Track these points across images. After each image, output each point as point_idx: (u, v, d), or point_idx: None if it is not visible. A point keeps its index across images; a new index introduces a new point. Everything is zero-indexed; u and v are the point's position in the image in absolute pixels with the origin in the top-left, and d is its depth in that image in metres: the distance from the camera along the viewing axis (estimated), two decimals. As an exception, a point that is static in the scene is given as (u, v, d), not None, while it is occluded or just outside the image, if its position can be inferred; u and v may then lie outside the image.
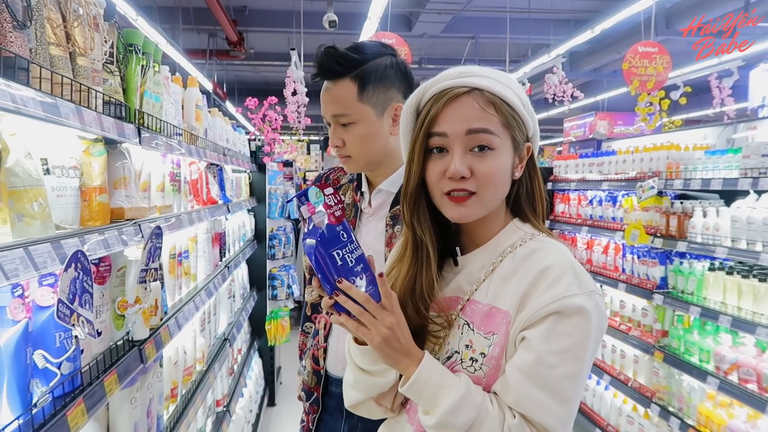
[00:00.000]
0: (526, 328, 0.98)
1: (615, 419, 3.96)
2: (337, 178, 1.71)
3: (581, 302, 0.96)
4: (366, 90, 1.47)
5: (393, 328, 0.96)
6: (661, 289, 3.56)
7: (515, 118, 1.04)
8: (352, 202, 1.63)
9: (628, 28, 8.46)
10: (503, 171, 1.04)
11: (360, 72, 1.47)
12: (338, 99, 1.48)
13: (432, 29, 9.83)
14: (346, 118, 1.48)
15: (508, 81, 1.07)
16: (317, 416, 1.62)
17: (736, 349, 2.99)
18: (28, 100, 1.13)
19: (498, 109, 1.02)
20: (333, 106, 1.49)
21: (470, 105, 1.02)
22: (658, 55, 6.21)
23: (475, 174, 1.01)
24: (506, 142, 1.04)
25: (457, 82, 1.03)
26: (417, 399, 0.99)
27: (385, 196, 1.58)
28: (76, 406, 1.25)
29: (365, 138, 1.49)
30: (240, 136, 4.38)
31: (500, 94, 1.03)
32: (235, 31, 9.30)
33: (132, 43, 1.83)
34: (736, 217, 3.03)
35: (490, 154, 1.02)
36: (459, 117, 1.02)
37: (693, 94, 6.39)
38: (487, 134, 1.01)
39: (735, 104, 7.20)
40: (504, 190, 1.07)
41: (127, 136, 1.67)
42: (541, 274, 0.99)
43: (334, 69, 1.46)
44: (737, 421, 2.94)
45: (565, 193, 4.96)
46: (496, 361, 1.00)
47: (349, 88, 1.47)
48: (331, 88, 1.49)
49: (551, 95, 7.85)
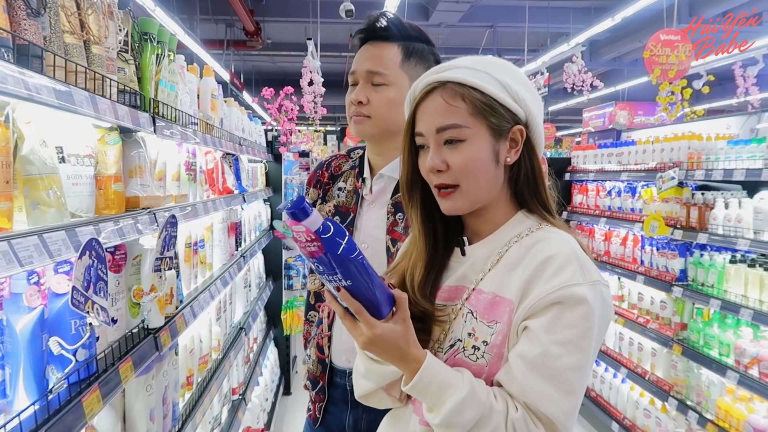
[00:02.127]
0: (529, 318, 0.97)
1: (632, 412, 3.92)
2: (338, 166, 1.69)
3: (585, 292, 0.95)
4: (409, 60, 1.52)
5: (373, 338, 0.95)
6: (681, 281, 3.50)
7: (489, 105, 1.03)
8: (354, 188, 1.62)
9: (649, 15, 8.29)
10: (478, 160, 1.03)
11: (407, 44, 1.52)
12: (381, 58, 1.50)
13: (450, 18, 9.73)
14: (382, 77, 1.50)
15: (487, 67, 1.05)
16: (323, 405, 1.63)
17: (757, 343, 2.94)
18: (41, 88, 1.13)
19: (465, 99, 1.02)
20: (372, 63, 1.50)
21: (437, 101, 1.04)
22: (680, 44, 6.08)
23: (450, 166, 1.04)
24: (479, 130, 1.03)
25: (432, 78, 1.06)
26: (421, 398, 0.98)
27: (386, 181, 1.58)
28: (91, 393, 1.26)
29: (393, 102, 1.50)
30: (256, 126, 4.39)
31: (469, 82, 1.02)
32: (252, 21, 9.31)
33: (147, 31, 1.83)
34: (759, 208, 2.96)
35: (461, 145, 1.03)
36: (428, 115, 1.05)
37: (716, 83, 6.25)
38: (453, 129, 1.03)
39: (760, 93, 7.03)
40: (490, 179, 1.05)
41: (142, 124, 1.67)
42: (544, 263, 0.99)
43: (388, 32, 1.50)
44: (757, 416, 2.89)
45: (584, 184, 4.90)
46: (498, 349, 1.00)
47: (395, 51, 1.51)
48: (374, 47, 1.52)
49: (570, 85, 7.74)
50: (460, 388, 0.94)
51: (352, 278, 0.91)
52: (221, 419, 2.79)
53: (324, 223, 0.88)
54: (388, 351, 0.96)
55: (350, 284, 0.92)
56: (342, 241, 0.88)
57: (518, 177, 1.09)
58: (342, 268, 0.90)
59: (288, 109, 6.05)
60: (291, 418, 4.48)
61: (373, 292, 0.94)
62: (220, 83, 3.14)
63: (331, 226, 0.88)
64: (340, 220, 1.59)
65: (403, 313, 0.97)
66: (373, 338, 0.94)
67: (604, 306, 0.98)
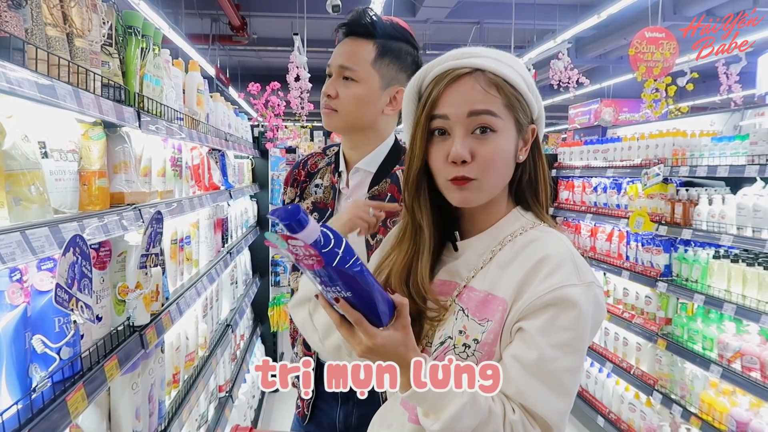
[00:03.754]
0: (523, 318, 0.96)
1: (617, 406, 3.96)
2: (314, 163, 1.69)
3: (579, 293, 0.94)
4: (382, 59, 1.52)
5: (373, 348, 0.91)
6: (665, 276, 3.54)
7: (518, 99, 1.02)
8: (330, 184, 1.62)
9: (634, 13, 8.36)
10: (505, 154, 1.01)
11: (384, 42, 1.53)
12: (353, 54, 1.52)
13: (436, 14, 9.73)
14: (352, 73, 1.51)
15: (511, 61, 1.04)
16: (311, 402, 1.63)
17: (739, 338, 2.98)
18: (23, 81, 1.11)
19: (501, 90, 1.00)
20: (344, 58, 1.52)
21: (472, 86, 0.99)
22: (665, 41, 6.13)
23: (476, 158, 0.99)
24: (509, 124, 1.01)
25: (459, 63, 1.01)
26: (419, 404, 0.96)
27: (363, 175, 1.59)
28: (75, 391, 1.24)
29: (359, 99, 1.52)
30: (242, 122, 4.36)
31: (503, 74, 1.00)
32: (237, 16, 9.23)
33: (131, 25, 1.80)
34: (742, 204, 3.00)
35: (492, 136, 0.99)
36: (461, 98, 0.99)
37: (700, 81, 6.31)
38: (489, 116, 0.99)
39: (742, 91, 7.11)
40: (506, 175, 1.04)
41: (127, 119, 1.65)
42: (539, 263, 0.98)
43: (366, 29, 1.52)
44: (740, 408, 2.93)
45: (570, 180, 4.93)
46: (489, 348, 0.99)
47: (369, 49, 1.52)
48: (351, 43, 1.53)
49: (556, 81, 7.78)
50: (461, 393, 0.92)
51: (352, 289, 0.86)
52: (208, 417, 2.77)
53: (323, 233, 0.80)
54: (387, 358, 0.93)
55: (350, 295, 0.87)
56: (341, 251, 0.82)
57: (521, 175, 1.08)
58: (342, 279, 0.85)
59: (274, 104, 6.02)
60: (278, 414, 4.46)
61: (374, 301, 0.89)
62: (206, 78, 3.10)
63: (331, 236, 0.81)
64: (318, 216, 1.58)
65: (403, 319, 0.93)
66: (373, 348, 0.90)
67: (598, 307, 0.98)
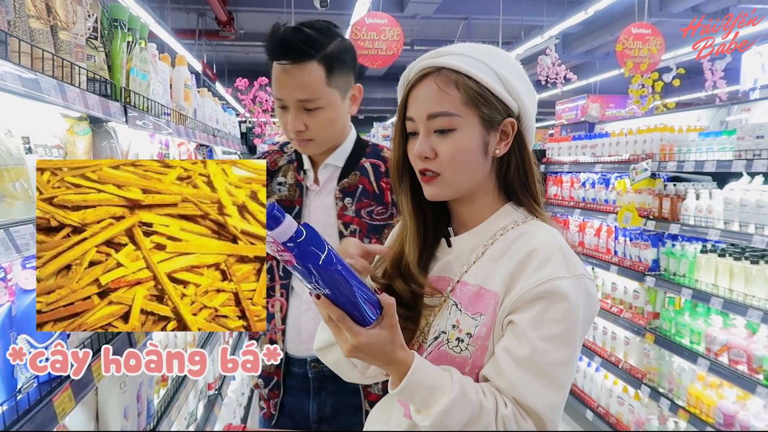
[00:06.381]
0: (514, 311, 0.97)
1: (605, 400, 3.99)
2: (274, 161, 1.65)
3: (569, 285, 0.95)
4: (333, 74, 1.43)
5: (358, 346, 0.90)
6: (653, 271, 3.56)
7: (482, 94, 1.01)
8: (295, 181, 1.60)
9: (621, 9, 8.40)
10: (467, 151, 1.02)
11: (325, 55, 1.41)
12: (307, 84, 1.41)
13: (424, 10, 9.72)
14: (314, 103, 1.43)
15: (484, 56, 1.03)
16: (278, 401, 1.61)
17: (726, 331, 3.01)
18: (6, 75, 1.08)
19: (459, 87, 1.00)
20: (299, 91, 1.42)
21: (430, 87, 1.02)
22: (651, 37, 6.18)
23: (438, 155, 1.02)
24: (471, 120, 1.01)
25: (427, 63, 1.04)
26: (410, 401, 0.96)
27: (332, 170, 1.58)
28: (62, 392, 1.22)
29: (331, 122, 1.48)
30: (230, 118, 4.33)
31: (465, 71, 1.00)
32: (224, 11, 9.15)
33: (117, 18, 1.77)
34: (729, 199, 3.02)
35: (451, 134, 1.02)
36: (420, 101, 1.03)
37: (686, 77, 6.35)
38: (444, 117, 1.01)
39: (727, 87, 7.17)
40: (473, 169, 1.04)
41: (113, 114, 1.62)
42: (529, 256, 0.98)
43: (305, 51, 1.38)
44: (726, 401, 2.96)
45: (558, 176, 4.95)
46: (482, 341, 0.99)
47: (318, 72, 1.41)
48: (296, 72, 1.40)
49: (544, 77, 7.81)
50: (450, 389, 0.92)
51: (331, 287, 0.86)
52: (197, 415, 2.75)
53: (297, 231, 0.80)
54: (374, 357, 0.92)
55: (329, 293, 0.87)
56: (317, 250, 0.82)
57: (507, 170, 1.08)
58: (319, 275, 0.84)
59: (262, 100, 5.98)
60: (267, 412, 4.45)
61: (356, 300, 0.88)
62: (193, 73, 3.07)
63: (306, 233, 0.81)
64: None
65: (390, 318, 0.92)
66: (358, 346, 0.90)
67: (589, 299, 0.98)
